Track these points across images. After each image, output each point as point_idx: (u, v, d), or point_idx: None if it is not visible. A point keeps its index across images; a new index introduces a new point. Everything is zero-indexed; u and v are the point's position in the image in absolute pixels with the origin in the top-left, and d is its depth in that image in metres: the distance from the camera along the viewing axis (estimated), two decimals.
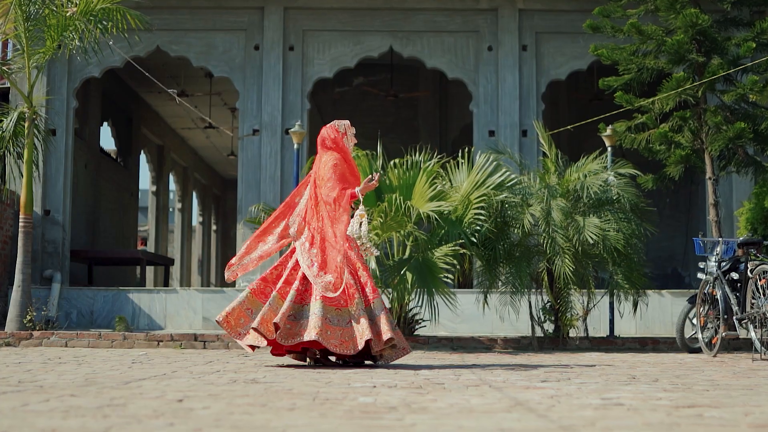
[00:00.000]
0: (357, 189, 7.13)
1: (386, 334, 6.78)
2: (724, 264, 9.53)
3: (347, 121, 7.56)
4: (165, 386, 4.97)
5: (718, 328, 9.34)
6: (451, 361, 8.22)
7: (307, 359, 7.18)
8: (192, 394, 4.49)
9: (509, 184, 10.92)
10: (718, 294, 9.36)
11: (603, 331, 12.34)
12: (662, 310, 13.19)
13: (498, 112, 14.35)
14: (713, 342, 9.37)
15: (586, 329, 10.98)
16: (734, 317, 9.23)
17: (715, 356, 9.20)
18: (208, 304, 13.48)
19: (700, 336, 9.58)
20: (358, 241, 7.13)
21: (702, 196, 17.47)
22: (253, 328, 6.90)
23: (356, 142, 7.61)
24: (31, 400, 4.12)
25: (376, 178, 7.18)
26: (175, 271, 24.66)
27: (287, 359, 7.40)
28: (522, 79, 14.41)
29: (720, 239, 9.73)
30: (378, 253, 7.62)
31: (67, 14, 11.30)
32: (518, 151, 13.54)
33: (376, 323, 6.85)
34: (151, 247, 22.08)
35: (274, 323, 6.75)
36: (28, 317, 11.21)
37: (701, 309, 9.60)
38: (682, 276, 18.81)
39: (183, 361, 7.66)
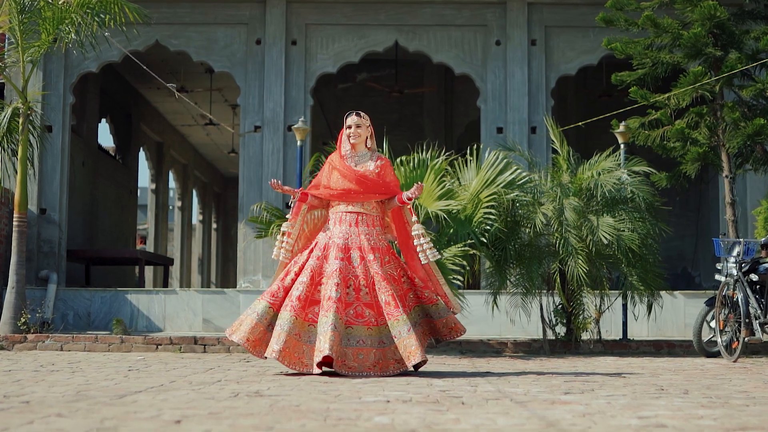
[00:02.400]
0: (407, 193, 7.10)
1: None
2: (744, 265, 9.17)
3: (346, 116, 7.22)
4: (162, 401, 4.59)
5: (738, 332, 8.99)
6: (462, 367, 7.86)
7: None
8: (191, 412, 4.12)
9: (520, 182, 10.56)
10: (739, 297, 9.00)
11: (614, 333, 11.99)
12: (675, 312, 12.82)
13: (506, 109, 13.97)
14: (733, 347, 9.02)
15: (598, 332, 10.62)
16: (757, 321, 8.89)
17: (735, 361, 8.84)
18: (208, 306, 13.12)
19: (719, 340, 9.23)
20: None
21: (713, 195, 17.09)
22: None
23: (351, 135, 7.15)
24: (12, 422, 3.74)
25: (419, 187, 6.98)
26: (175, 270, 24.29)
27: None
28: (531, 75, 14.03)
29: (741, 240, 9.36)
30: (438, 257, 7.41)
31: (60, 1, 10.92)
32: (527, 148, 13.17)
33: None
34: (150, 246, 21.73)
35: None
36: (23, 320, 10.87)
37: (720, 312, 9.23)
38: (693, 276, 18.45)
39: (182, 368, 7.29)
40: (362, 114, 7.19)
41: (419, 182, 7.38)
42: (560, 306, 10.52)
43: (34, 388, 5.36)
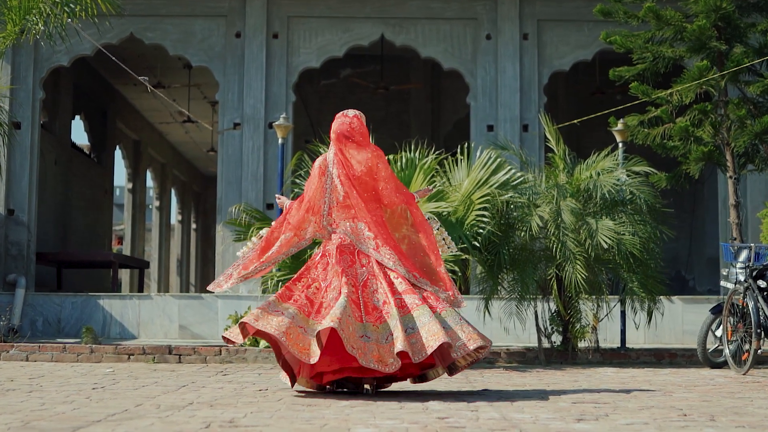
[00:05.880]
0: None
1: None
2: (754, 272, 8.63)
3: None
4: None
5: (747, 342, 8.45)
6: (456, 382, 7.26)
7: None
8: None
9: (514, 183, 10.01)
10: (750, 305, 8.45)
11: (611, 340, 11.45)
12: (673, 318, 12.28)
13: (497, 106, 13.41)
14: (743, 358, 8.47)
15: (596, 341, 10.08)
16: None
17: (745, 374, 8.30)
18: (185, 312, 12.49)
19: (726, 350, 8.69)
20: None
21: (708, 195, 16.61)
22: None
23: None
24: None
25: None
26: (153, 272, 23.62)
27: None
28: (523, 71, 13.46)
29: (752, 245, 8.82)
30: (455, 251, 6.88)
31: None
32: (519, 147, 12.61)
33: None
34: (127, 247, 21.08)
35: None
36: None
37: (729, 321, 8.69)
38: (687, 279, 17.95)
39: (153, 386, 6.67)
40: None
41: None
42: (556, 313, 9.96)
43: None
